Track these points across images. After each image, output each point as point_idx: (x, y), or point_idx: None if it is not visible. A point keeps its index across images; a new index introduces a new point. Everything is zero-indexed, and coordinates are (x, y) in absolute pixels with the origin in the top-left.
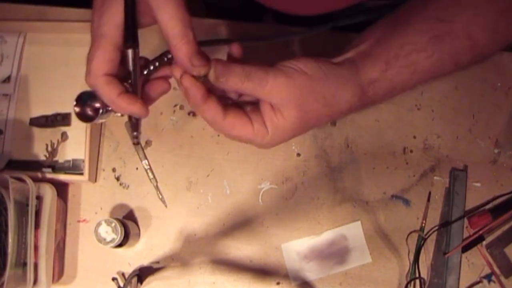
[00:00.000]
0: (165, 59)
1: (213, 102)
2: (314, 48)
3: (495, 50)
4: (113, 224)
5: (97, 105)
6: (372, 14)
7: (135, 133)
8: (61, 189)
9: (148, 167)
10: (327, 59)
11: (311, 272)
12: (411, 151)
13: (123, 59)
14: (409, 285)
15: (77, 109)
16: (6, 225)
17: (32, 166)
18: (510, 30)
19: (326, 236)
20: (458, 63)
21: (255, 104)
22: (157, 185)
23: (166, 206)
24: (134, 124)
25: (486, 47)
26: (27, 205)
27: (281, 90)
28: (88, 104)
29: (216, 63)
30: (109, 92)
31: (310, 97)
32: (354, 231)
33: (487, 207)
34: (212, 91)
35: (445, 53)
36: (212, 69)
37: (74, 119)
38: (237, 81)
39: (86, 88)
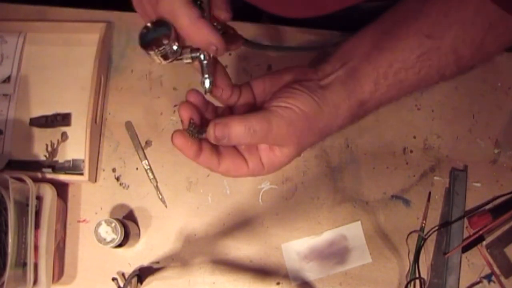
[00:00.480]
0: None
1: (206, 155)
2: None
3: (480, 62)
4: (113, 224)
5: (165, 40)
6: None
7: (206, 76)
8: (61, 189)
9: (148, 167)
10: (318, 82)
11: (311, 272)
12: (411, 151)
13: None
14: (409, 285)
15: (144, 30)
16: (6, 225)
17: (32, 166)
18: (496, 44)
19: (326, 236)
20: (443, 77)
21: None
22: (157, 185)
23: (166, 206)
24: (208, 64)
25: (471, 60)
26: (27, 205)
27: (283, 136)
28: (158, 34)
29: (215, 126)
30: (189, 12)
31: (307, 133)
32: (354, 231)
33: (487, 207)
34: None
35: (432, 69)
36: (211, 132)
37: (74, 119)
38: (240, 140)
39: (85, 88)
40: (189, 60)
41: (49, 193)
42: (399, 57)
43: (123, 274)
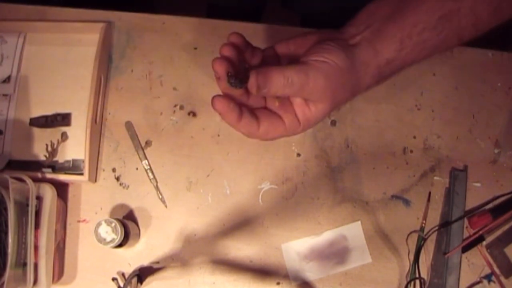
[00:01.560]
0: None
1: (247, 119)
2: None
3: (495, 25)
4: (113, 224)
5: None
6: None
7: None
8: (61, 189)
9: (148, 167)
10: (346, 41)
11: (311, 272)
12: (411, 151)
13: None
14: (409, 285)
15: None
16: (6, 225)
17: (32, 166)
18: None
19: (326, 236)
20: (461, 39)
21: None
22: (157, 185)
23: (166, 206)
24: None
25: (488, 23)
26: (27, 205)
27: (319, 89)
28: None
29: (257, 74)
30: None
31: (342, 89)
32: (354, 231)
33: (487, 207)
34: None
35: (452, 30)
36: (253, 80)
37: (74, 119)
38: (278, 90)
39: (85, 88)
40: None
41: (49, 193)
42: (422, 18)
43: (123, 274)
